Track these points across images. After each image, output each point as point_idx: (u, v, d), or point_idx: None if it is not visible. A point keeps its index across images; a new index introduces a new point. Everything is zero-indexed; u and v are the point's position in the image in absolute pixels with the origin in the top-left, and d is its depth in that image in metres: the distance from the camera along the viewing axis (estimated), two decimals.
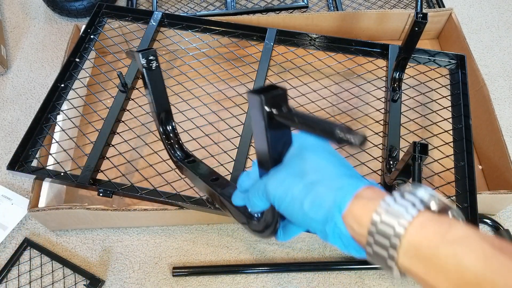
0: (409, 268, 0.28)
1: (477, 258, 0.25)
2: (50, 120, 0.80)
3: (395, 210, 0.28)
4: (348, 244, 0.32)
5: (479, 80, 0.87)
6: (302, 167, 0.33)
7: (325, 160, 0.34)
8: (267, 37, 0.89)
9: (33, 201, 0.73)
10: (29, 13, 1.15)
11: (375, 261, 0.30)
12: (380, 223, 0.28)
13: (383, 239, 0.28)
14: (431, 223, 0.27)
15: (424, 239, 0.27)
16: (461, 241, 0.26)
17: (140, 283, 0.74)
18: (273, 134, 0.32)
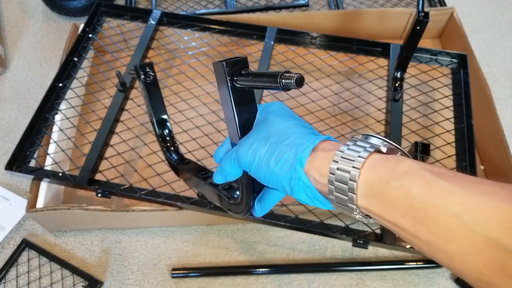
0: (367, 207, 0.30)
1: (421, 186, 0.27)
2: (48, 120, 0.79)
3: (349, 155, 0.31)
4: (312, 196, 0.34)
5: (481, 80, 0.86)
6: (268, 130, 0.36)
7: (287, 121, 0.36)
8: (267, 36, 0.88)
9: (31, 201, 0.73)
10: (27, 12, 1.15)
11: (338, 207, 0.32)
12: (337, 170, 0.30)
13: (341, 185, 0.30)
14: (380, 162, 0.29)
15: (375, 177, 0.29)
16: (407, 173, 0.28)
17: (139, 284, 0.74)
18: (237, 100, 0.35)
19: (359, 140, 0.32)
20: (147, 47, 0.87)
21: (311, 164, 0.32)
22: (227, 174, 0.39)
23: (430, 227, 0.26)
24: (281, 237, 0.78)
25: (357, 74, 0.90)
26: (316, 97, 0.83)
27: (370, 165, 0.30)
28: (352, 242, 0.66)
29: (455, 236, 0.25)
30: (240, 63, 0.35)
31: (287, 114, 0.38)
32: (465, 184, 0.26)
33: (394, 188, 0.28)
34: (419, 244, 0.27)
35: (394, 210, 0.28)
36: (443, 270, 0.75)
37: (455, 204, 0.25)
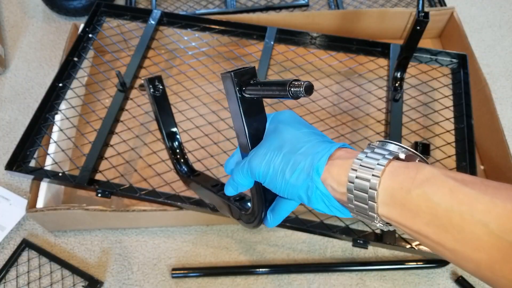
0: (388, 216, 0.29)
1: (444, 194, 0.26)
2: (48, 120, 0.79)
3: (368, 163, 0.30)
4: (330, 205, 0.33)
5: (481, 80, 0.86)
6: (280, 140, 0.35)
7: (299, 130, 0.36)
8: (267, 36, 0.88)
9: (31, 201, 0.73)
10: (27, 12, 1.14)
11: (358, 216, 0.32)
12: (356, 179, 0.30)
13: (361, 193, 0.30)
14: (400, 170, 0.29)
15: (396, 185, 0.29)
16: (428, 180, 0.27)
17: (139, 284, 0.74)
18: (246, 110, 0.35)
19: (376, 147, 0.32)
20: (147, 47, 0.87)
21: (328, 173, 0.32)
22: (239, 186, 0.38)
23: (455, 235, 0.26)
24: (281, 237, 0.78)
25: (357, 74, 0.90)
26: (316, 97, 0.83)
27: (390, 172, 0.29)
28: (352, 242, 0.66)
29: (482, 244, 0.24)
30: (248, 73, 0.34)
31: (299, 122, 0.37)
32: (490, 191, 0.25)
33: (416, 196, 0.27)
34: (443, 252, 0.27)
35: (417, 218, 0.27)
36: (443, 270, 0.75)
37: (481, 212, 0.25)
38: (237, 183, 0.38)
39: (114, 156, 0.75)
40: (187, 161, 0.57)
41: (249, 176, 0.37)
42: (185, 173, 0.56)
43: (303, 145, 0.34)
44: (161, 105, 0.55)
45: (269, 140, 0.36)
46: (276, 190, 0.35)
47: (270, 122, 0.38)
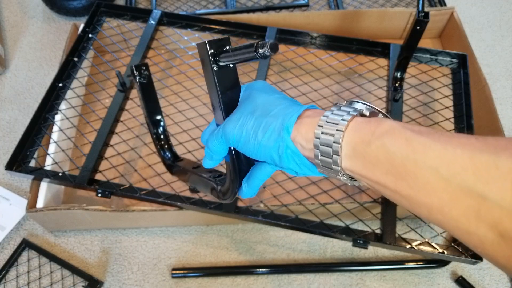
0: (351, 168, 0.31)
1: (401, 144, 0.27)
2: (48, 120, 0.79)
3: (333, 119, 0.31)
4: (300, 163, 0.34)
5: (481, 80, 0.86)
6: (253, 105, 0.37)
7: (271, 95, 0.37)
8: (267, 36, 0.88)
9: (31, 201, 0.73)
10: (27, 12, 1.14)
11: (324, 171, 0.33)
12: (322, 134, 0.31)
13: (326, 148, 0.31)
14: (362, 124, 0.30)
15: (358, 139, 0.30)
16: (387, 132, 0.29)
17: (139, 284, 0.74)
18: (221, 79, 0.36)
19: (343, 106, 0.33)
20: (147, 47, 0.87)
21: (297, 131, 0.33)
22: (214, 153, 0.39)
23: (410, 182, 0.27)
24: (281, 237, 0.78)
25: (357, 74, 0.90)
26: (316, 97, 0.83)
27: (353, 127, 0.31)
28: (352, 242, 0.66)
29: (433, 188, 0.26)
30: (223, 42, 0.35)
31: (271, 89, 0.39)
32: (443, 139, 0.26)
33: (375, 147, 0.29)
34: (400, 199, 0.28)
35: (376, 168, 0.29)
36: (443, 270, 0.75)
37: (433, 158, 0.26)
38: (212, 150, 0.39)
39: (114, 156, 0.75)
40: (171, 148, 0.59)
41: (223, 142, 0.38)
42: (169, 159, 0.58)
43: (274, 108, 0.35)
44: (147, 92, 0.55)
45: (243, 106, 0.37)
46: (249, 153, 0.36)
47: (244, 90, 0.39)
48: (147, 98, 0.56)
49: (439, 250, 0.64)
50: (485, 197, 0.23)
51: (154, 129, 0.58)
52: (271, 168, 0.38)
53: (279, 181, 0.73)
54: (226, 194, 0.43)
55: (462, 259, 0.65)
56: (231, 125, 0.36)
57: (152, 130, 0.58)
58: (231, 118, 0.37)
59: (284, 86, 0.87)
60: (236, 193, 0.41)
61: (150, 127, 0.58)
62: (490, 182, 0.23)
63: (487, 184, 0.23)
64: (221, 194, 0.44)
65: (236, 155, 0.39)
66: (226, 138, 0.37)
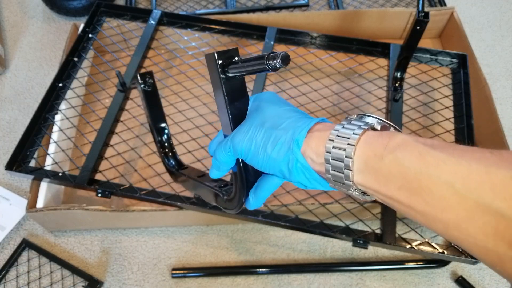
0: (363, 183, 0.30)
1: (414, 158, 0.27)
2: (48, 120, 0.79)
3: (344, 133, 0.31)
4: (310, 177, 0.34)
5: (481, 80, 0.86)
6: (262, 117, 0.36)
7: (281, 108, 0.37)
8: (267, 36, 0.88)
9: (31, 201, 0.73)
10: (27, 12, 1.14)
11: (336, 186, 0.32)
12: (333, 148, 0.31)
13: (337, 163, 0.31)
14: (374, 138, 0.30)
15: (370, 153, 0.29)
16: (400, 146, 0.28)
17: (139, 284, 0.74)
18: (229, 90, 0.36)
19: (353, 120, 0.33)
20: (147, 47, 0.87)
21: (307, 145, 0.33)
22: (221, 164, 0.39)
23: (424, 197, 0.26)
24: (281, 237, 0.78)
25: (357, 74, 0.90)
26: (316, 97, 0.83)
27: (365, 141, 0.30)
28: (352, 242, 0.66)
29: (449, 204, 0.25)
30: (231, 53, 0.35)
31: (280, 101, 0.38)
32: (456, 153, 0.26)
33: (388, 161, 0.28)
34: (415, 215, 0.28)
35: (390, 183, 0.28)
36: (443, 270, 0.75)
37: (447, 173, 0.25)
38: (220, 161, 0.38)
39: (114, 156, 0.75)
40: (175, 155, 0.58)
41: (231, 153, 0.37)
42: (173, 166, 0.57)
43: (284, 121, 0.35)
44: (151, 99, 0.55)
45: (252, 118, 0.37)
46: (258, 165, 0.36)
47: (252, 102, 0.38)
48: (151, 105, 0.55)
49: (439, 250, 0.64)
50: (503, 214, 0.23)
51: (158, 137, 0.57)
52: (279, 180, 0.37)
53: None
54: (232, 205, 0.42)
55: (462, 259, 0.65)
56: (240, 136, 0.36)
57: (156, 138, 0.57)
58: (240, 130, 0.36)
59: (284, 86, 0.87)
60: (243, 204, 0.41)
61: (154, 135, 0.58)
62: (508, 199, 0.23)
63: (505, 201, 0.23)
64: (227, 204, 0.43)
65: (244, 166, 0.38)
66: (235, 149, 0.36)
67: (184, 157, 0.74)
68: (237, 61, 0.34)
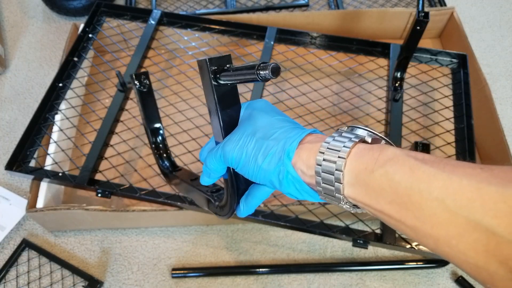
0: (354, 196, 0.30)
1: (404, 172, 0.27)
2: (48, 120, 0.79)
3: (334, 146, 0.31)
4: (301, 189, 0.34)
5: (481, 80, 0.86)
6: (254, 126, 0.36)
7: (272, 117, 0.36)
8: (267, 36, 0.88)
9: (31, 201, 0.73)
10: (27, 12, 1.15)
11: (326, 199, 0.32)
12: (324, 161, 0.31)
13: (328, 175, 0.30)
14: (365, 151, 0.30)
15: (360, 166, 0.29)
16: (391, 160, 0.28)
17: (139, 284, 0.74)
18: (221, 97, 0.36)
19: (344, 132, 0.32)
20: (147, 47, 0.87)
21: (298, 157, 0.33)
22: (212, 171, 0.38)
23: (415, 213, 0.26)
24: (281, 237, 0.78)
25: (357, 74, 0.90)
26: (316, 97, 0.83)
27: (355, 154, 0.30)
28: (352, 242, 0.66)
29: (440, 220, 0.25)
30: (223, 60, 0.35)
31: (272, 110, 0.38)
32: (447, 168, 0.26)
33: (378, 175, 0.28)
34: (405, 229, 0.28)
35: (380, 197, 0.28)
36: (443, 270, 0.75)
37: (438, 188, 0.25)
38: (210, 169, 0.38)
39: (114, 156, 0.75)
40: (170, 157, 0.58)
41: (222, 161, 0.37)
42: (167, 168, 0.57)
43: (276, 131, 0.35)
44: (146, 100, 0.55)
45: (243, 127, 0.36)
46: (248, 175, 0.36)
47: (244, 110, 0.38)
48: (146, 106, 0.55)
49: None
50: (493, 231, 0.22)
51: (152, 138, 0.57)
52: (270, 189, 0.37)
53: None
54: (223, 211, 0.42)
55: None
56: (231, 145, 0.36)
57: (151, 139, 0.57)
58: (230, 138, 0.36)
59: (284, 86, 0.87)
60: (234, 211, 0.41)
61: (148, 136, 0.58)
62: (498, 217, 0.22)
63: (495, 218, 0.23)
64: (218, 210, 0.43)
65: (235, 174, 0.38)
66: (225, 158, 0.36)
67: (184, 157, 0.74)
68: (229, 69, 0.34)
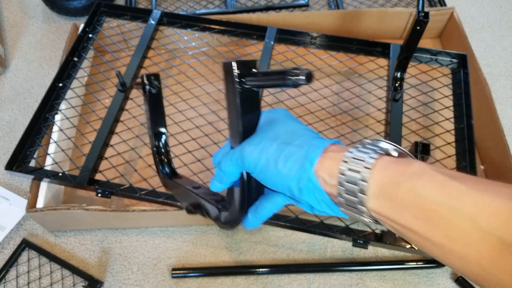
0: (377, 209, 0.29)
1: (433, 187, 0.26)
2: (48, 120, 0.79)
3: (359, 156, 0.30)
4: (320, 199, 0.33)
5: (481, 80, 0.86)
6: (275, 131, 0.35)
7: (295, 125, 0.37)
8: (267, 36, 0.88)
9: (31, 201, 0.73)
10: (27, 12, 1.15)
11: (347, 209, 0.31)
12: (348, 171, 0.30)
13: (351, 186, 0.30)
14: (392, 164, 0.29)
15: (386, 179, 0.29)
16: (418, 175, 0.27)
17: (139, 284, 0.74)
18: (243, 102, 0.34)
19: (368, 144, 0.32)
20: (147, 47, 0.88)
21: (321, 165, 0.32)
22: (225, 175, 0.37)
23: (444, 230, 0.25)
24: (281, 237, 0.78)
25: (357, 74, 0.90)
26: (316, 97, 0.83)
27: (381, 166, 0.29)
28: (352, 242, 0.66)
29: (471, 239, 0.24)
30: (249, 64, 0.34)
31: (293, 119, 0.38)
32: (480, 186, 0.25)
33: (405, 189, 0.27)
34: (430, 247, 0.27)
35: (405, 212, 0.27)
36: (443, 270, 0.75)
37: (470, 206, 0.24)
38: (224, 172, 0.37)
39: (114, 156, 0.75)
40: (171, 163, 0.57)
41: (238, 164, 0.36)
42: (167, 174, 0.56)
43: (298, 138, 0.34)
44: (154, 103, 0.54)
45: (264, 131, 0.36)
46: (265, 180, 0.35)
47: (264, 116, 0.38)
48: (154, 109, 0.54)
49: None
50: None
51: (155, 142, 0.56)
52: (283, 200, 0.36)
53: None
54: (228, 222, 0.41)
55: None
56: (250, 148, 0.35)
57: (153, 143, 0.56)
58: (250, 141, 0.35)
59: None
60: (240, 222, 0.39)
61: (151, 139, 0.56)
62: None
63: None
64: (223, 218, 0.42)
65: (248, 181, 0.37)
66: (243, 161, 0.35)
67: (184, 157, 0.74)
68: (256, 73, 0.33)
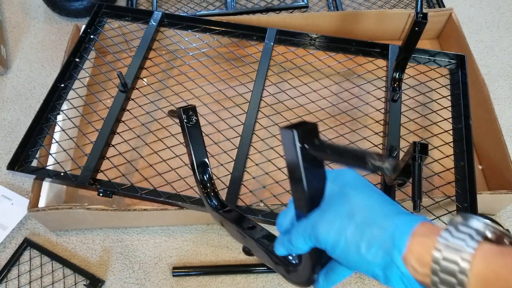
0: None
1: None
2: (50, 120, 0.80)
3: (454, 244, 0.27)
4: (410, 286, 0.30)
5: (479, 80, 0.87)
6: (349, 206, 0.33)
7: (370, 197, 0.33)
8: (267, 37, 0.89)
9: (33, 201, 0.73)
10: (29, 13, 1.15)
11: None
12: (443, 260, 0.27)
13: (448, 277, 0.27)
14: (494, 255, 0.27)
15: (491, 273, 0.26)
16: None
17: (140, 283, 0.74)
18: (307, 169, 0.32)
19: (460, 225, 0.29)
20: (148, 48, 0.88)
21: (409, 252, 0.29)
22: (295, 250, 0.35)
23: None
24: None
25: (356, 75, 0.91)
26: (315, 98, 0.84)
27: (482, 257, 0.27)
28: None
29: None
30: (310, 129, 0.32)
31: (367, 186, 0.35)
32: None
33: None
34: None
35: None
36: None
37: None
38: (295, 247, 0.35)
39: (115, 156, 0.76)
40: (217, 194, 0.55)
41: (311, 242, 0.33)
42: (215, 207, 0.54)
43: (378, 216, 0.32)
44: (193, 135, 0.52)
45: (336, 205, 0.33)
46: (347, 263, 0.33)
47: (332, 182, 0.35)
48: (194, 142, 0.52)
49: None
50: None
51: (200, 175, 0.54)
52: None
53: (279, 181, 0.74)
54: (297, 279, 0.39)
55: None
56: (325, 227, 0.32)
57: (198, 176, 0.54)
58: (323, 218, 0.33)
59: (283, 86, 0.88)
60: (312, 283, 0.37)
61: (195, 173, 0.54)
62: None
63: None
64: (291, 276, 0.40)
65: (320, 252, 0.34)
66: (317, 240, 0.33)
67: (184, 157, 0.75)
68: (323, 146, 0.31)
